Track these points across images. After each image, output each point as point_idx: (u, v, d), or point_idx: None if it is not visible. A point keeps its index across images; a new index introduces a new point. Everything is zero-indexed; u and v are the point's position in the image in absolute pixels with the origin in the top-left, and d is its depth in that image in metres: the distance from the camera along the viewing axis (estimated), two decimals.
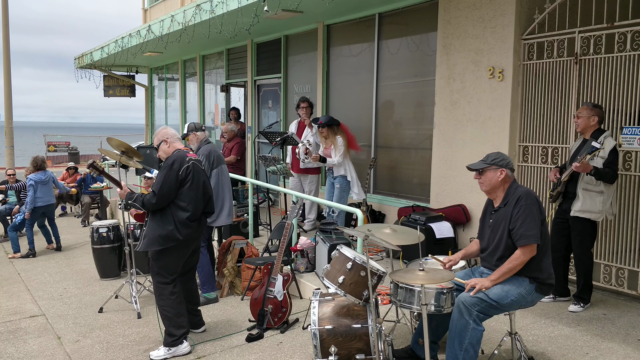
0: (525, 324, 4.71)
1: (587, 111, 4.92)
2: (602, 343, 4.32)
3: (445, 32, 6.62)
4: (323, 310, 3.89)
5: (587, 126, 4.94)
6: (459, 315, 3.51)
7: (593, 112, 4.90)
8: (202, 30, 8.59)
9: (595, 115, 4.90)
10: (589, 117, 4.91)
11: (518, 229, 3.53)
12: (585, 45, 5.46)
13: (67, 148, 29.80)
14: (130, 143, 5.78)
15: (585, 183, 4.85)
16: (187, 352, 4.41)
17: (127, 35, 10.99)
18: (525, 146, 6.05)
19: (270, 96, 10.53)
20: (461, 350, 3.50)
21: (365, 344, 3.75)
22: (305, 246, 6.06)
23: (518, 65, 5.96)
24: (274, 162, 7.17)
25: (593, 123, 4.92)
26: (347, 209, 5.56)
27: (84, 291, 6.30)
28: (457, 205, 6.44)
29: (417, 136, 7.40)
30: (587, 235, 4.97)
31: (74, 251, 8.46)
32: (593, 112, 4.91)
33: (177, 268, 4.46)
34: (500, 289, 3.54)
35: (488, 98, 6.16)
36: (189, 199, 4.37)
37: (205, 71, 12.96)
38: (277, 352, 4.39)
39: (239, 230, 7.34)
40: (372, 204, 7.72)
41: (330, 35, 8.77)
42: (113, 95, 16.36)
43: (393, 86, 7.71)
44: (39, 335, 4.94)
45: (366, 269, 3.62)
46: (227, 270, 5.97)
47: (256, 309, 4.94)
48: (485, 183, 3.73)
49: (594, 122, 4.91)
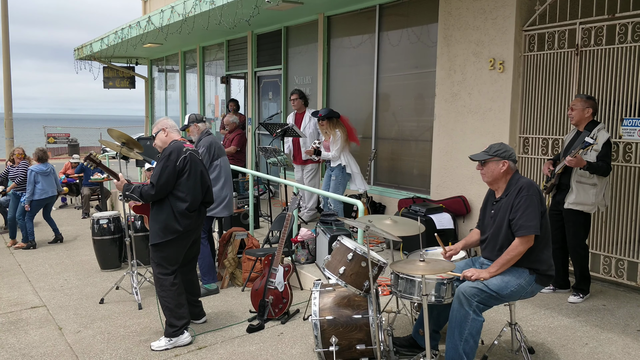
0: (525, 314, 4.73)
1: (581, 103, 4.92)
2: (601, 334, 4.34)
3: (446, 24, 6.60)
4: (324, 301, 3.91)
5: (581, 118, 4.94)
6: (459, 306, 3.52)
7: (587, 104, 4.90)
8: (202, 22, 8.56)
9: (589, 107, 4.90)
10: (583, 110, 4.91)
11: (518, 219, 3.54)
12: (586, 37, 5.45)
13: (66, 140, 29.78)
14: (130, 135, 5.78)
15: (579, 176, 4.85)
16: (188, 342, 4.43)
17: (126, 26, 10.95)
18: (526, 138, 6.05)
19: (270, 87, 10.51)
20: (461, 340, 3.52)
21: (366, 334, 3.77)
22: (305, 237, 6.08)
23: (519, 57, 5.95)
24: (274, 153, 7.17)
25: (587, 115, 4.91)
26: (347, 200, 5.57)
27: (84, 282, 6.32)
28: (457, 196, 6.45)
29: (418, 128, 7.40)
30: (581, 227, 4.98)
31: (74, 242, 8.48)
32: (587, 104, 4.90)
33: (177, 259, 4.47)
34: (500, 280, 3.55)
35: (489, 89, 6.15)
36: (187, 189, 4.37)
37: (206, 62, 12.93)
38: (277, 343, 4.41)
39: (240, 221, 7.34)
40: (372, 195, 7.73)
41: (330, 26, 8.74)
42: (113, 87, 16.32)
43: (394, 78, 7.70)
44: (40, 326, 4.96)
45: (367, 259, 3.63)
46: (227, 261, 5.98)
47: (257, 300, 4.95)
48: (487, 174, 3.73)
49: (588, 114, 4.91)
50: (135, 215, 6.81)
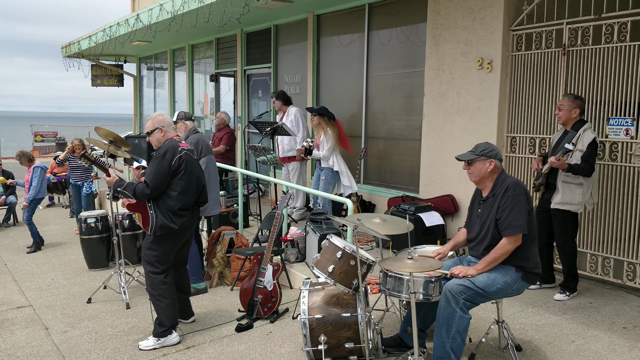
0: (512, 312, 4.76)
1: (569, 103, 4.95)
2: (587, 331, 4.38)
3: (434, 23, 6.62)
4: (313, 300, 3.91)
5: (568, 118, 4.98)
6: (446, 304, 3.54)
7: (575, 104, 4.93)
8: (191, 20, 8.52)
9: (576, 107, 4.93)
10: (570, 110, 4.94)
11: (505, 218, 3.57)
12: (573, 37, 5.49)
13: (54, 138, 29.53)
14: (118, 133, 5.74)
15: (565, 176, 4.89)
16: (176, 342, 4.41)
17: (115, 24, 10.87)
18: (513, 137, 6.08)
19: (260, 86, 10.49)
20: (448, 338, 3.54)
21: (355, 332, 3.78)
22: (295, 236, 6.07)
23: (507, 56, 5.98)
24: (264, 152, 7.16)
25: (575, 115, 4.95)
26: (336, 198, 5.57)
27: (72, 282, 6.27)
28: (445, 195, 6.48)
29: (407, 127, 7.42)
30: (569, 226, 5.02)
31: (62, 242, 8.41)
32: (574, 104, 4.93)
33: (169, 258, 4.45)
34: (487, 277, 3.58)
35: (477, 89, 6.18)
36: (181, 188, 4.35)
37: (195, 61, 12.87)
38: (266, 342, 4.41)
39: (229, 220, 7.33)
40: (362, 194, 7.74)
41: (320, 25, 8.74)
42: (101, 85, 16.20)
43: (383, 77, 7.71)
44: (27, 326, 4.92)
45: (356, 258, 3.64)
46: (216, 260, 5.97)
47: (246, 299, 4.94)
48: (474, 174, 3.75)
49: (575, 114, 4.94)
50: (124, 213, 6.77)
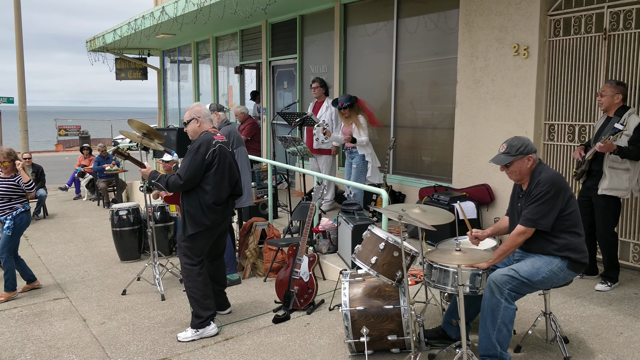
0: (556, 303, 4.64)
1: (611, 89, 4.82)
2: (636, 322, 4.25)
3: (467, 9, 6.47)
4: (354, 292, 3.84)
5: (611, 104, 4.85)
6: (491, 295, 3.46)
7: (617, 90, 4.80)
8: (218, 11, 8.46)
9: (619, 93, 4.80)
10: (612, 95, 4.81)
11: (525, 209, 3.53)
12: (614, 21, 5.31)
13: (77, 132, 29.91)
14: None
15: (611, 161, 4.76)
16: (215, 333, 4.39)
17: (140, 17, 10.87)
18: (552, 124, 5.93)
19: (285, 77, 10.42)
20: (494, 329, 3.45)
21: (397, 324, 3.71)
22: (327, 227, 6.01)
23: (544, 42, 5.82)
24: (294, 142, 7.09)
25: (617, 101, 4.82)
26: (370, 189, 5.49)
27: (105, 274, 6.30)
28: (481, 184, 6.35)
29: (438, 115, 7.29)
30: (611, 214, 4.89)
31: (92, 234, 8.47)
32: (617, 89, 4.80)
33: (204, 250, 4.43)
34: (531, 266, 3.49)
35: (512, 76, 6.04)
36: (215, 182, 4.31)
37: (219, 53, 12.84)
38: (305, 333, 4.36)
39: (259, 212, 7.29)
40: (392, 184, 7.64)
41: (347, 14, 8.62)
42: (125, 79, 16.29)
43: (412, 65, 7.58)
44: (64, 318, 4.94)
45: (399, 249, 3.56)
46: (249, 251, 5.94)
47: (282, 290, 4.90)
48: (515, 173, 3.63)
49: (618, 100, 4.81)
50: (156, 205, 6.79)
